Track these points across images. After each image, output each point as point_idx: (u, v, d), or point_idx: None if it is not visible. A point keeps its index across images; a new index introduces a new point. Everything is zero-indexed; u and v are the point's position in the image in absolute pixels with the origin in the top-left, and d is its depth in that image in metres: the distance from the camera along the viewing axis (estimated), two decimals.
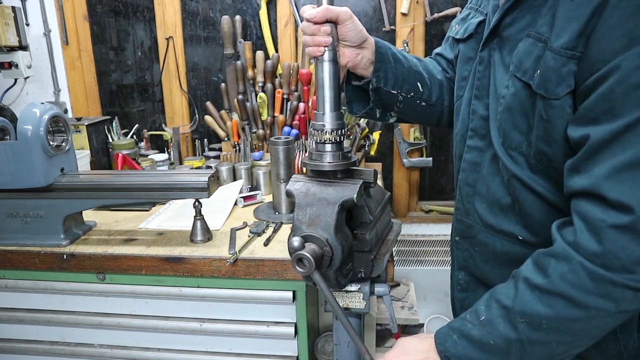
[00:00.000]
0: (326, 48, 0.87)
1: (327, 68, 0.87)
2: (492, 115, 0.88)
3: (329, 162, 0.88)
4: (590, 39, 0.68)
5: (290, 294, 1.27)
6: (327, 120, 0.88)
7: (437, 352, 0.81)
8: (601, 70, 0.67)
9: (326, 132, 0.87)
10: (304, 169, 1.86)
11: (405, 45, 2.01)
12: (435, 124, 1.17)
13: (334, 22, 0.88)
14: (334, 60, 0.88)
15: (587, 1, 0.67)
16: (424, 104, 1.08)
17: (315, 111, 0.91)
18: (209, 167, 1.96)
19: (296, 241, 0.80)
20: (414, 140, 2.16)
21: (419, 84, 1.06)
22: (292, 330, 1.30)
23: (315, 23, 0.87)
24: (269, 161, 1.75)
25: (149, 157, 2.00)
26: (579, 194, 0.71)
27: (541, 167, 0.80)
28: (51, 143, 1.29)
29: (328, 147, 0.88)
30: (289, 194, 0.88)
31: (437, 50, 1.20)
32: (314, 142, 0.91)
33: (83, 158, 1.82)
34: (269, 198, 1.74)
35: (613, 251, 0.66)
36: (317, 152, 0.90)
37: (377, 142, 2.05)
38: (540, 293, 0.72)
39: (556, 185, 0.80)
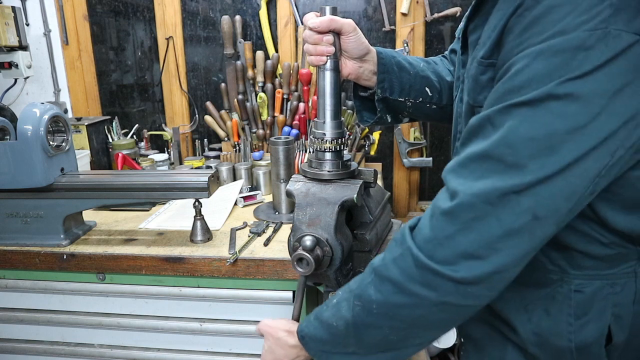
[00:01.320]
0: (328, 57, 0.87)
1: (328, 77, 0.88)
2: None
3: (328, 171, 0.89)
4: (501, 46, 0.68)
5: (290, 294, 1.27)
6: (328, 129, 0.88)
7: (296, 332, 0.84)
8: (499, 74, 0.67)
9: (326, 140, 0.88)
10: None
11: (405, 45, 2.01)
12: (449, 122, 1.16)
13: (337, 33, 0.88)
14: (336, 70, 0.88)
15: (505, 10, 0.67)
16: (434, 107, 1.07)
17: (315, 119, 0.91)
18: (209, 167, 1.96)
19: (309, 240, 0.81)
20: (414, 140, 2.16)
21: (427, 88, 1.05)
22: None
23: (319, 33, 0.87)
24: (269, 161, 1.75)
25: (149, 157, 2.00)
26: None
27: None
28: (51, 143, 1.29)
29: (327, 155, 0.89)
30: (289, 194, 0.88)
31: (452, 46, 1.17)
32: (313, 150, 0.92)
33: (83, 158, 1.82)
34: (269, 198, 1.74)
35: (439, 239, 0.65)
36: (317, 160, 0.91)
37: (377, 142, 2.05)
38: (375, 277, 0.72)
39: None
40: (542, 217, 0.61)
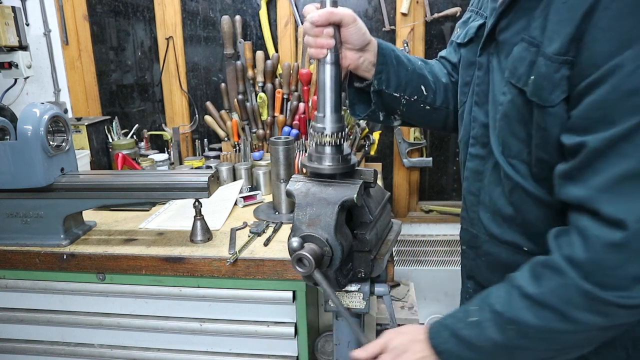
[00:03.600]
0: (328, 50, 0.86)
1: (328, 70, 0.87)
2: (492, 122, 0.86)
3: (328, 165, 0.88)
4: (581, 42, 0.65)
5: (290, 294, 1.27)
6: (328, 122, 0.87)
7: (431, 345, 0.81)
8: (593, 76, 0.65)
9: (326, 134, 0.87)
10: (304, 169, 1.86)
11: (405, 45, 2.01)
12: (441, 128, 1.13)
13: (337, 25, 0.87)
14: (336, 63, 0.87)
15: (578, 3, 0.65)
16: (428, 107, 1.05)
17: (315, 112, 0.90)
18: (209, 167, 1.96)
19: (295, 242, 0.80)
20: (414, 140, 2.16)
21: (422, 87, 1.03)
22: (292, 330, 1.30)
23: (318, 26, 0.85)
24: (269, 161, 1.75)
25: (149, 157, 2.00)
26: (576, 206, 0.70)
27: (543, 175, 0.78)
28: (51, 143, 1.29)
29: (328, 149, 0.88)
30: (289, 194, 0.88)
31: (442, 53, 1.16)
32: (313, 144, 0.91)
33: (83, 158, 1.82)
34: (269, 198, 1.74)
35: (606, 269, 0.65)
36: (317, 154, 0.89)
37: (377, 142, 2.05)
38: (531, 303, 0.71)
39: None
40: None
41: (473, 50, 0.94)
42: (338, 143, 0.88)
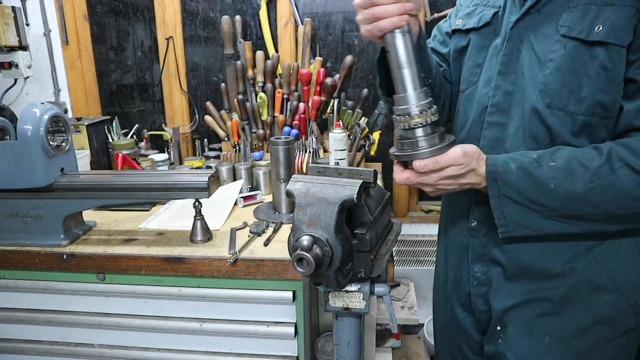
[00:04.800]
0: (400, 18, 0.76)
1: (403, 41, 0.75)
2: (528, 85, 0.92)
3: (426, 147, 0.79)
4: None
5: (290, 294, 1.27)
6: (412, 100, 0.77)
7: (485, 170, 0.88)
8: None
9: (414, 115, 0.77)
10: (304, 169, 1.86)
11: None
12: None
13: None
14: (409, 32, 0.76)
15: None
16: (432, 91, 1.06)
17: (394, 96, 0.80)
18: (209, 167, 1.96)
19: (306, 240, 0.80)
20: None
21: (433, 68, 1.05)
22: (292, 330, 1.30)
23: None
24: (269, 161, 1.75)
25: (149, 157, 2.00)
26: None
27: (585, 126, 0.88)
28: (51, 143, 1.29)
29: (419, 132, 0.78)
30: (289, 194, 0.88)
31: (433, 45, 1.20)
32: (400, 131, 0.81)
33: (83, 158, 1.82)
34: (269, 198, 1.74)
35: None
36: (407, 139, 0.79)
37: (377, 142, 2.05)
38: (626, 168, 0.82)
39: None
40: None
41: (486, 34, 1.02)
42: (430, 121, 0.78)
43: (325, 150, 2.00)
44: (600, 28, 0.83)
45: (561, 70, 0.88)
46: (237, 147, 2.04)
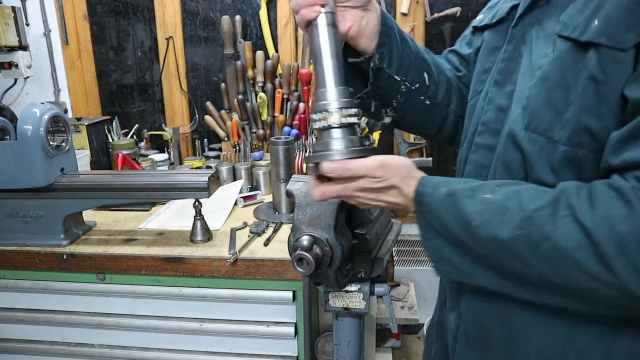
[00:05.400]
0: (322, 8, 0.70)
1: (324, 33, 0.70)
2: (516, 101, 0.71)
3: (339, 149, 0.68)
4: None
5: (290, 294, 1.27)
6: (332, 97, 0.69)
7: (413, 191, 0.70)
8: None
9: (332, 112, 0.68)
10: (304, 169, 1.86)
11: None
12: (435, 132, 0.97)
13: None
14: (333, 24, 0.71)
15: None
16: (427, 102, 0.90)
17: (315, 91, 0.72)
18: (209, 167, 1.96)
19: (306, 240, 0.80)
20: (414, 140, 2.16)
21: (426, 74, 0.88)
22: (292, 330, 1.30)
23: None
24: (269, 161, 1.75)
25: (149, 157, 2.00)
26: (631, 166, 0.57)
27: (569, 159, 0.64)
28: (51, 143, 1.29)
29: (336, 133, 0.69)
30: (289, 194, 0.88)
31: (452, 47, 1.01)
32: (316, 131, 0.72)
33: (83, 158, 1.82)
34: (269, 198, 1.74)
35: None
36: (323, 141, 0.70)
37: (377, 142, 2.05)
38: (572, 220, 0.57)
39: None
40: None
41: (501, 33, 0.81)
42: (349, 122, 0.69)
43: None
44: (596, 23, 0.60)
45: (547, 81, 0.66)
46: (237, 147, 2.04)
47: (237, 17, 2.05)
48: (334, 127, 0.69)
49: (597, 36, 0.60)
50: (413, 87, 0.87)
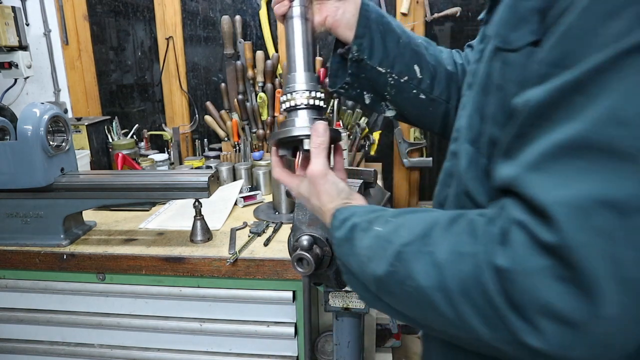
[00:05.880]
0: (292, 3, 0.75)
1: (294, 24, 0.75)
2: None
3: (298, 126, 0.70)
4: None
5: (290, 294, 1.27)
6: (299, 80, 0.72)
7: (330, 223, 0.65)
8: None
9: (298, 93, 0.72)
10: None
11: None
12: (440, 129, 0.90)
13: None
14: (303, 16, 0.75)
15: None
16: (422, 96, 0.85)
17: (286, 76, 0.76)
18: (209, 167, 1.96)
19: (305, 240, 0.80)
20: (414, 140, 2.16)
21: (417, 67, 0.83)
22: (292, 330, 1.30)
23: None
24: (269, 161, 1.75)
25: (149, 157, 2.00)
26: (507, 191, 0.47)
27: (488, 174, 0.55)
28: (51, 143, 1.29)
29: (302, 113, 0.72)
30: (288, 194, 0.88)
31: (470, 42, 0.94)
32: (284, 112, 0.75)
33: (83, 158, 1.82)
34: (269, 198, 1.74)
35: (524, 281, 0.41)
36: (287, 120, 0.73)
37: (377, 142, 2.05)
38: (430, 260, 0.49)
39: None
40: None
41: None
42: (314, 104, 0.72)
43: None
44: (499, 17, 0.55)
45: (473, 88, 0.61)
46: (237, 147, 2.04)
47: (237, 17, 2.05)
48: (300, 108, 0.71)
49: (495, 37, 0.55)
50: (402, 80, 0.84)
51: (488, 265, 0.43)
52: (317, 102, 0.72)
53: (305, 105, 0.71)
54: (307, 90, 0.71)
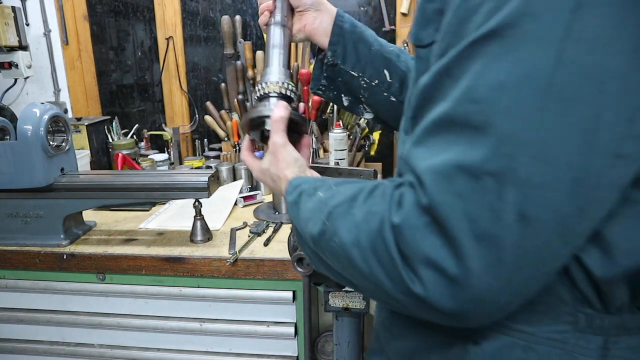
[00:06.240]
0: (272, 14, 0.89)
1: (273, 30, 0.87)
2: None
3: (266, 109, 0.76)
4: None
5: (290, 294, 1.27)
6: (274, 72, 0.80)
7: (285, 189, 0.71)
8: None
9: (271, 82, 0.78)
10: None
11: (405, 45, 2.01)
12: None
13: None
14: (280, 24, 0.87)
15: None
16: (393, 99, 0.90)
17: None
18: (209, 167, 1.96)
19: None
20: None
21: (386, 71, 0.90)
22: (292, 330, 1.30)
23: None
24: None
25: (149, 157, 2.00)
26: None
27: None
28: (51, 143, 1.29)
29: (272, 100, 0.78)
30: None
31: None
32: (256, 101, 0.82)
33: (83, 158, 1.82)
34: (269, 198, 1.74)
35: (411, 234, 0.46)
36: (258, 105, 0.79)
37: (377, 142, 2.05)
38: (348, 215, 0.54)
39: None
40: (535, 218, 0.42)
41: None
42: (284, 93, 0.78)
43: (325, 150, 1.99)
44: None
45: (411, 80, 0.64)
46: (237, 147, 2.04)
47: (237, 17, 2.05)
48: (271, 96, 0.79)
49: (411, 37, 0.59)
50: (373, 83, 0.90)
51: (388, 222, 0.48)
52: (287, 92, 0.79)
53: (277, 94, 0.78)
54: (278, 81, 0.79)
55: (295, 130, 0.80)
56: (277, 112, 0.75)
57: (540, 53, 0.39)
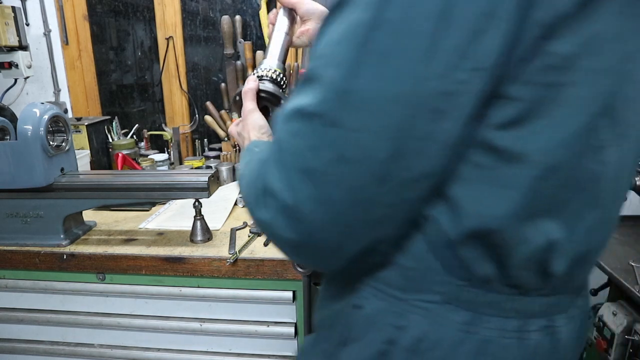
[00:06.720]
0: (272, 25, 0.93)
1: (275, 34, 0.92)
2: None
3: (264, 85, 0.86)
4: None
5: (290, 294, 1.27)
6: (269, 62, 0.88)
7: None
8: None
9: (265, 69, 0.87)
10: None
11: None
12: None
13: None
14: (286, 32, 0.93)
15: None
16: None
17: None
18: (209, 167, 1.96)
19: None
20: None
21: None
22: (292, 330, 1.30)
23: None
24: None
25: (149, 157, 2.00)
26: None
27: None
28: (51, 143, 1.29)
29: (266, 83, 0.86)
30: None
31: None
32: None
33: (83, 158, 1.82)
34: None
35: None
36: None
37: None
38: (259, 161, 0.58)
39: None
40: (352, 159, 0.45)
41: None
42: (274, 78, 0.87)
43: None
44: None
45: None
46: (237, 147, 2.04)
47: (237, 17, 2.05)
48: (264, 79, 0.86)
49: None
50: None
51: (265, 159, 0.54)
52: (277, 78, 0.86)
53: (268, 78, 0.86)
54: (271, 68, 0.87)
55: (276, 105, 0.88)
56: (247, 84, 0.84)
57: (361, 15, 0.44)
